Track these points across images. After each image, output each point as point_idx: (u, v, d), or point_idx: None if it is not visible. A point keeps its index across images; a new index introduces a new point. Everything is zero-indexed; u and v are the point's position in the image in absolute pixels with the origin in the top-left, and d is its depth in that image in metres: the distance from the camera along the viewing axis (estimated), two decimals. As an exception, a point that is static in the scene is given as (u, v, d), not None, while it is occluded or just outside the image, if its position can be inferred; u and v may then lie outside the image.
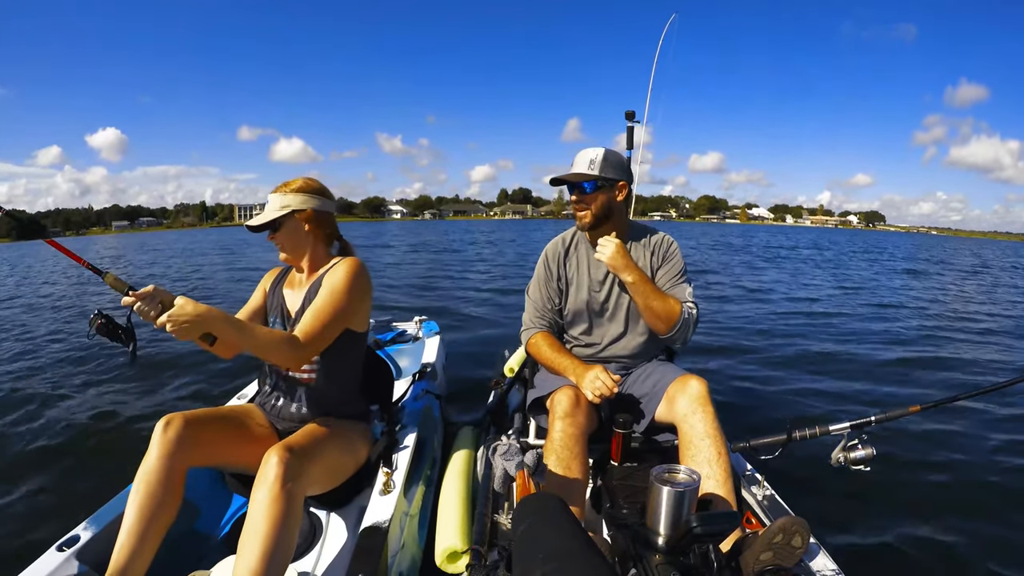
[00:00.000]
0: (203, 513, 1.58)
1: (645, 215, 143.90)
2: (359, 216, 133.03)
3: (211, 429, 1.35)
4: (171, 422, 1.26)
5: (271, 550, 1.09)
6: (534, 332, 1.75)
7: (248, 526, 1.12)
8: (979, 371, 4.61)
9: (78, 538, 1.25)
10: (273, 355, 1.27)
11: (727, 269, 13.44)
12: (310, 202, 1.49)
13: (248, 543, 1.09)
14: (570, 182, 1.64)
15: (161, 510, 1.19)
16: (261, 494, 1.13)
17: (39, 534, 1.93)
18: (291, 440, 1.28)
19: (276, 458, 1.16)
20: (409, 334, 3.25)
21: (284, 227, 1.48)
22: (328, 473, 1.42)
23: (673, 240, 1.77)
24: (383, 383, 1.82)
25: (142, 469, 1.22)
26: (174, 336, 1.09)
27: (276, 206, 1.46)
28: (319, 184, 1.54)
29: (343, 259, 1.52)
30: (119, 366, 4.29)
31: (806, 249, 24.66)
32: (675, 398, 1.49)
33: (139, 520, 1.17)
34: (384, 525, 1.31)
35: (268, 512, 1.11)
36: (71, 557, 1.20)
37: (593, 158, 1.61)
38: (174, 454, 1.23)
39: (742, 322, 6.32)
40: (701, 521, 0.92)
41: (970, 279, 13.63)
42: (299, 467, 1.19)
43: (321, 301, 1.39)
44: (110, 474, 2.36)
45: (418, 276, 10.91)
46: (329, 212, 1.55)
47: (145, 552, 1.16)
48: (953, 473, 2.58)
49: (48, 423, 3.09)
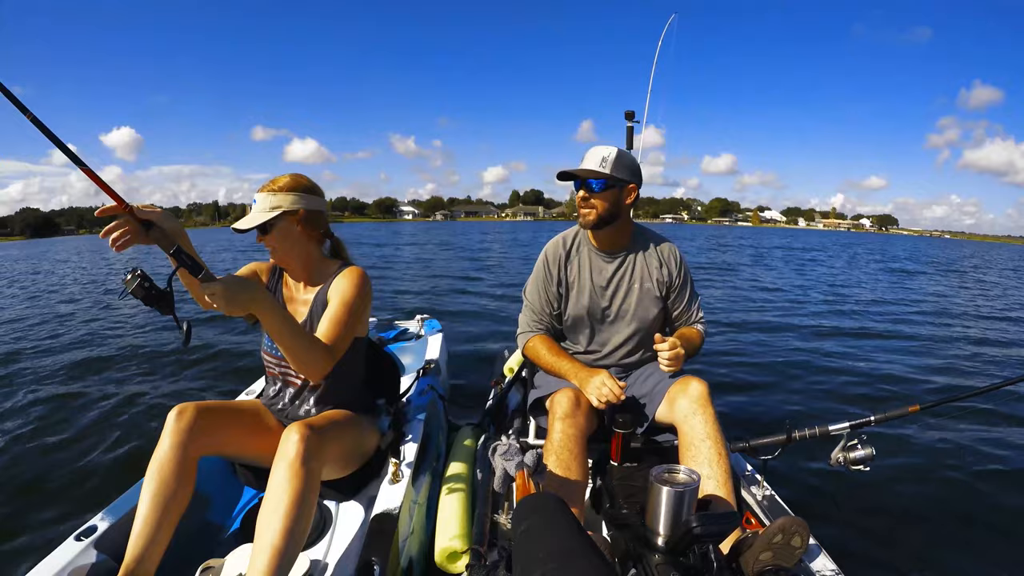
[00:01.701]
0: (215, 504, 1.61)
1: (657, 217, 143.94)
2: (371, 216, 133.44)
3: (222, 419, 1.36)
4: (183, 411, 1.27)
5: (290, 526, 1.09)
6: (531, 335, 1.73)
7: (267, 503, 1.12)
8: (979, 371, 4.61)
9: (96, 528, 1.28)
10: (309, 358, 1.22)
11: (729, 269, 13.44)
12: (300, 202, 1.42)
13: (267, 519, 1.10)
14: (579, 178, 1.59)
15: (174, 498, 1.21)
16: (281, 470, 1.14)
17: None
18: (306, 420, 1.28)
19: (297, 435, 1.17)
20: (411, 332, 3.28)
21: (275, 229, 1.41)
22: (342, 458, 1.44)
23: (678, 249, 1.77)
24: (389, 378, 1.85)
25: (155, 458, 1.23)
26: (217, 307, 1.04)
27: (265, 206, 1.39)
28: (309, 181, 1.48)
29: (347, 268, 1.50)
30: (136, 356, 4.38)
31: (815, 251, 24.69)
32: (676, 399, 1.49)
33: (153, 508, 1.18)
34: (395, 512, 1.34)
35: (288, 488, 1.12)
36: (89, 546, 1.23)
37: (605, 156, 1.57)
38: (186, 443, 1.24)
39: (742, 322, 6.33)
40: (701, 521, 0.92)
41: (974, 280, 13.64)
42: (319, 445, 1.20)
43: (337, 311, 1.37)
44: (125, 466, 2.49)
45: (423, 276, 10.92)
46: (320, 211, 1.49)
47: (160, 540, 1.17)
48: (953, 473, 2.58)
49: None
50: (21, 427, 3.03)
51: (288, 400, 1.54)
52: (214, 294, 1.03)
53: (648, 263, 1.72)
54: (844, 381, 4.04)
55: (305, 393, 1.53)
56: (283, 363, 1.52)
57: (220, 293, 1.03)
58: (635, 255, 1.73)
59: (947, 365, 4.73)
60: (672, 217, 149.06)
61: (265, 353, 1.55)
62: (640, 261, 1.72)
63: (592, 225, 1.63)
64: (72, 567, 1.18)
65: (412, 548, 1.45)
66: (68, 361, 4.46)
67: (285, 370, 1.53)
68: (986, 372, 4.60)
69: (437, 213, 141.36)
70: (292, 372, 1.51)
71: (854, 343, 5.41)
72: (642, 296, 1.71)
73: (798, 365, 4.44)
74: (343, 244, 1.62)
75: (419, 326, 3.35)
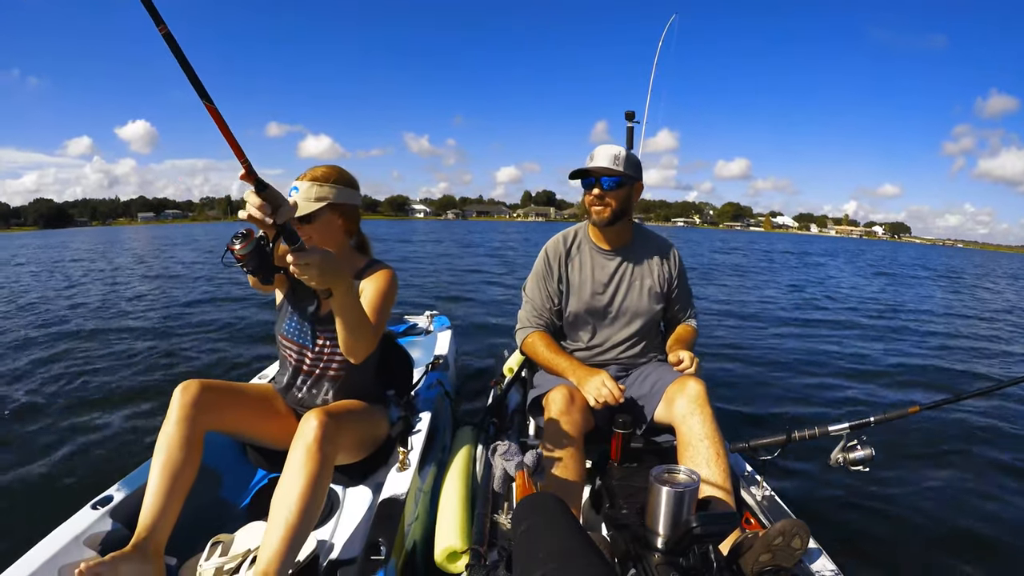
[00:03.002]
0: (227, 483, 1.65)
1: (668, 221, 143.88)
2: (383, 214, 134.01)
3: (228, 398, 1.40)
4: (188, 387, 1.30)
5: (304, 506, 1.14)
6: (530, 331, 1.74)
7: (284, 482, 1.17)
8: (979, 371, 4.62)
9: (111, 498, 1.33)
10: (363, 341, 1.28)
11: (730, 270, 13.44)
12: (344, 195, 1.45)
13: (283, 497, 1.15)
14: (595, 175, 1.61)
15: (182, 471, 1.24)
16: (299, 452, 1.19)
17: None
18: (327, 407, 1.33)
19: (316, 421, 1.21)
20: (421, 327, 3.33)
21: (318, 220, 1.42)
22: (354, 445, 1.49)
23: (676, 249, 1.81)
24: (400, 370, 1.90)
25: (162, 432, 1.27)
26: (304, 276, 1.03)
27: (310, 195, 1.40)
28: (350, 174, 1.50)
29: (379, 268, 1.52)
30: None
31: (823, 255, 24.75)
32: (674, 399, 1.49)
33: (162, 480, 1.22)
34: (401, 497, 1.39)
35: (304, 469, 1.17)
36: (105, 515, 1.28)
37: (617, 154, 1.61)
38: (192, 417, 1.28)
39: (742, 323, 6.33)
40: (701, 521, 0.92)
41: (977, 285, 13.64)
42: (336, 431, 1.25)
43: (375, 302, 1.42)
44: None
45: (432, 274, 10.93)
46: (357, 205, 1.53)
47: (169, 512, 1.20)
48: (952, 473, 2.59)
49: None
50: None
51: (307, 388, 1.55)
52: (309, 264, 1.02)
53: (649, 261, 1.75)
54: (844, 381, 4.04)
55: (323, 382, 1.55)
56: (303, 350, 1.52)
57: (316, 264, 1.03)
58: (636, 253, 1.75)
59: (947, 365, 4.73)
60: (684, 221, 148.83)
61: (284, 339, 1.54)
62: (641, 259, 1.74)
63: (607, 222, 1.65)
64: (88, 534, 1.22)
65: (416, 533, 1.50)
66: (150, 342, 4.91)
67: (302, 357, 1.53)
68: (986, 372, 4.60)
69: (449, 212, 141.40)
70: (309, 360, 1.53)
71: (854, 343, 5.41)
72: (643, 293, 1.73)
73: (798, 365, 4.45)
74: (368, 240, 1.64)
75: (428, 322, 3.40)
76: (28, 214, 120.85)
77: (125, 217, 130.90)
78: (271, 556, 1.09)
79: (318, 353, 1.51)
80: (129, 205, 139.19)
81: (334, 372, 1.53)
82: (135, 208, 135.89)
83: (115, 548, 1.11)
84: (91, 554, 1.19)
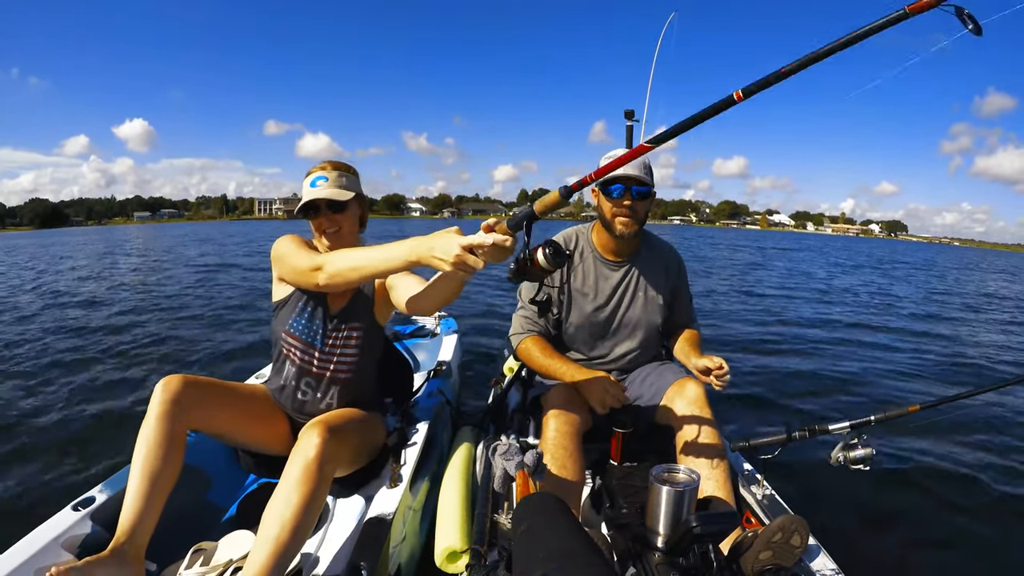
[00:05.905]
0: (215, 487, 1.60)
1: (665, 219, 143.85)
2: (378, 213, 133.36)
3: (214, 396, 1.34)
4: (169, 383, 1.25)
5: (297, 523, 1.10)
6: (524, 336, 1.68)
7: (278, 496, 1.13)
8: (979, 371, 4.62)
9: (93, 499, 1.29)
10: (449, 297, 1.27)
11: (728, 268, 13.44)
12: (361, 187, 1.51)
13: (276, 511, 1.10)
14: (627, 184, 1.49)
15: (162, 471, 1.19)
16: (297, 468, 1.14)
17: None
18: (327, 419, 1.27)
19: (318, 438, 1.17)
20: (427, 329, 3.25)
21: (348, 210, 1.46)
22: (351, 458, 1.44)
23: (677, 252, 1.77)
24: (400, 378, 1.85)
25: (142, 430, 1.22)
26: (491, 259, 1.06)
27: (342, 184, 1.44)
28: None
29: None
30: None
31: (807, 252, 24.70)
32: (674, 399, 1.49)
33: (141, 481, 1.17)
34: (388, 517, 1.34)
35: (301, 487, 1.12)
36: (85, 517, 1.24)
37: (646, 162, 1.52)
38: (173, 414, 1.22)
39: (741, 322, 6.32)
40: (701, 521, 0.92)
41: (975, 283, 13.64)
42: (336, 448, 1.20)
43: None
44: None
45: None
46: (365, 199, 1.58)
47: (150, 514, 1.15)
48: (952, 473, 2.59)
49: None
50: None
51: (311, 391, 1.51)
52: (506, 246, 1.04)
53: (655, 272, 1.69)
54: (844, 381, 4.04)
55: (329, 385, 1.50)
56: (310, 349, 1.48)
57: (512, 245, 1.05)
58: (642, 264, 1.69)
59: (947, 365, 4.73)
60: (680, 219, 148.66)
61: (288, 335, 1.49)
62: (645, 269, 1.68)
63: (634, 234, 1.58)
64: (66, 536, 1.18)
65: (403, 555, 1.44)
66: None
67: (308, 357, 1.49)
68: (986, 372, 4.60)
69: (444, 210, 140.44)
70: (316, 360, 1.48)
71: (854, 343, 5.41)
72: (647, 306, 1.68)
73: (798, 365, 4.44)
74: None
75: (436, 323, 3.30)
76: (24, 214, 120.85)
77: (121, 216, 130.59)
78: (256, 572, 1.05)
79: (327, 353, 1.48)
80: (125, 204, 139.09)
81: (343, 375, 1.50)
82: (131, 207, 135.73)
83: (95, 552, 1.06)
84: (68, 557, 1.14)
